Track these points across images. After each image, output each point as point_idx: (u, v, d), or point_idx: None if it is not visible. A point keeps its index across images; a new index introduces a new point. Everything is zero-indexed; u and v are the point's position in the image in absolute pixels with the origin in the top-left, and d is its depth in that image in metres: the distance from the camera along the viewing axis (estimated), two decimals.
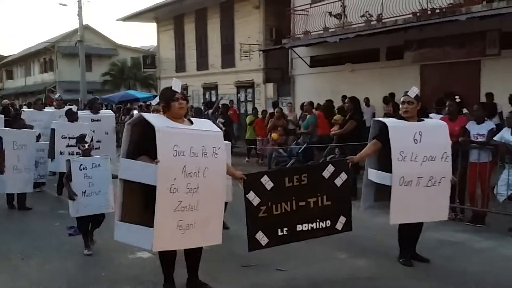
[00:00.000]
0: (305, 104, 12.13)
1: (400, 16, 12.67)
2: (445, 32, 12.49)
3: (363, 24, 13.78)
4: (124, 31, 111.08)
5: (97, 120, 9.86)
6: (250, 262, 5.12)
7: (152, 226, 3.80)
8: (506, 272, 5.00)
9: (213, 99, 21.24)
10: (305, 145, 10.86)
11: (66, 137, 8.38)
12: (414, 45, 13.85)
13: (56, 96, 12.45)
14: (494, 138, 6.85)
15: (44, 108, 11.15)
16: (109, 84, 35.39)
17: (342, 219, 4.71)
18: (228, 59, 21.21)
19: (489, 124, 7.00)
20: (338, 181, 4.66)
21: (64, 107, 10.67)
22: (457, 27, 11.82)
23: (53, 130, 8.56)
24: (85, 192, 5.58)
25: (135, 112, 19.74)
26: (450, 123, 6.25)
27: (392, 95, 13.75)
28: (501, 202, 6.90)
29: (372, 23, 13.55)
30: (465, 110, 7.75)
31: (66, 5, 28.68)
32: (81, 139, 5.79)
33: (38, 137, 8.56)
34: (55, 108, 11.20)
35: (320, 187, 4.60)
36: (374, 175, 5.09)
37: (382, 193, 5.03)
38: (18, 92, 43.36)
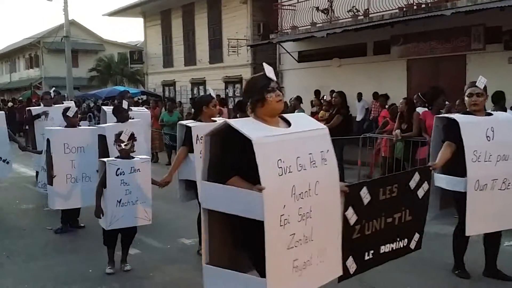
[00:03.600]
0: (291, 99, 12.13)
1: (386, 11, 12.78)
2: (431, 27, 12.60)
3: (350, 19, 13.86)
4: (111, 27, 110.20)
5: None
6: None
7: (244, 271, 2.94)
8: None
9: (201, 94, 21.17)
10: None
11: None
12: (400, 40, 13.96)
13: (51, 91, 10.42)
14: None
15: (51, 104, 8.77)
16: (96, 80, 35.11)
17: (416, 237, 3.99)
18: (216, 55, 21.17)
19: None
20: (420, 192, 3.96)
21: (62, 103, 9.18)
22: (442, 22, 11.93)
23: (102, 137, 6.08)
24: (120, 201, 4.82)
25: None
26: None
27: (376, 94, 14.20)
28: None
29: (359, 18, 13.63)
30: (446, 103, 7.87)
31: (51, 0, 28.34)
32: (118, 137, 4.87)
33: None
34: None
35: (406, 200, 3.89)
36: (443, 181, 4.50)
37: (448, 200, 4.60)
38: (3, 88, 42.86)
